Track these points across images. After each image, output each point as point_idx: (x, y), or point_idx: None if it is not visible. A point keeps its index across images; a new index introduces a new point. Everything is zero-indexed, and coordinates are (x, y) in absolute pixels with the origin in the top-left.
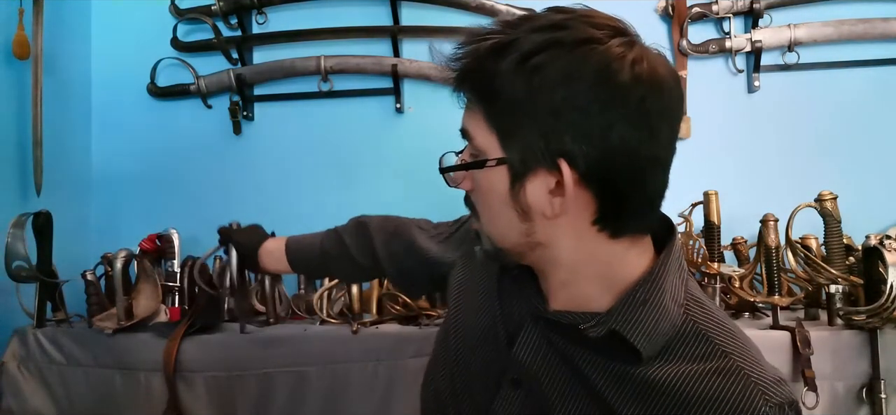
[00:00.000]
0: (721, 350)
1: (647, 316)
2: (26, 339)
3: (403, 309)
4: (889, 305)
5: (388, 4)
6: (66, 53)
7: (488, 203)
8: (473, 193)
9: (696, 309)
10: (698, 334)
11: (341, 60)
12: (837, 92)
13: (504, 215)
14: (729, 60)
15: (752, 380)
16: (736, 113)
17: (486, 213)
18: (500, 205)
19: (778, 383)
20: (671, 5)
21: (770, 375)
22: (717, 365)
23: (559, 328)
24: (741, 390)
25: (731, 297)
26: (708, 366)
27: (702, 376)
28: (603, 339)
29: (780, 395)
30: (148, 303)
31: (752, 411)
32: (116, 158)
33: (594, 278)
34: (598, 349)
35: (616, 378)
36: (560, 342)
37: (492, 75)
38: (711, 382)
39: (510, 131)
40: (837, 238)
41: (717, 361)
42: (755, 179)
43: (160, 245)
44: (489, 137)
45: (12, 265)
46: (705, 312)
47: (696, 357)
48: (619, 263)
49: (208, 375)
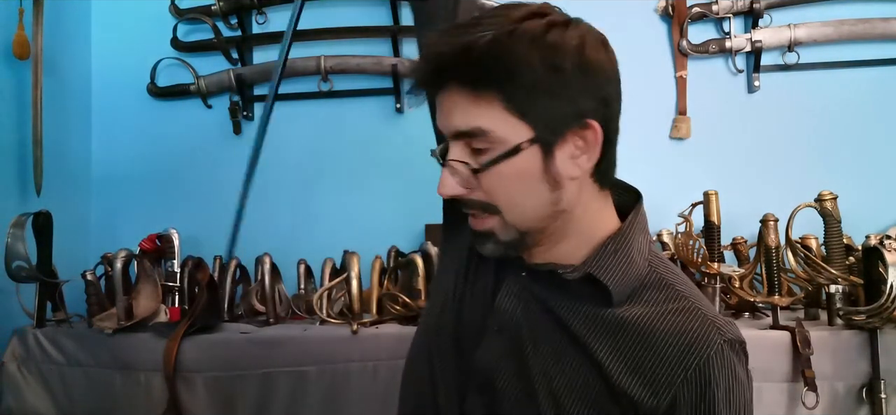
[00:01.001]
0: (682, 294)
1: (618, 264)
2: (26, 339)
3: (403, 309)
4: (889, 305)
5: (388, 4)
6: (66, 53)
7: (517, 188)
8: (492, 187)
9: (660, 264)
10: (661, 282)
11: (341, 60)
12: (837, 92)
13: (534, 193)
14: (729, 60)
15: (709, 318)
16: (736, 113)
17: (512, 199)
18: (532, 183)
19: (730, 323)
20: (671, 5)
21: (723, 317)
22: (679, 306)
23: (539, 278)
24: (700, 326)
25: (731, 297)
26: (671, 307)
27: (665, 314)
28: (578, 283)
29: (732, 333)
30: (148, 303)
31: (708, 342)
32: (116, 158)
33: (579, 233)
34: (573, 295)
35: (590, 320)
36: (539, 290)
37: (509, 60)
38: (674, 319)
39: (535, 108)
40: (837, 238)
41: (679, 302)
42: (755, 179)
43: (160, 245)
44: (511, 122)
45: (12, 265)
46: (667, 266)
47: (660, 301)
48: (599, 217)
49: (208, 375)
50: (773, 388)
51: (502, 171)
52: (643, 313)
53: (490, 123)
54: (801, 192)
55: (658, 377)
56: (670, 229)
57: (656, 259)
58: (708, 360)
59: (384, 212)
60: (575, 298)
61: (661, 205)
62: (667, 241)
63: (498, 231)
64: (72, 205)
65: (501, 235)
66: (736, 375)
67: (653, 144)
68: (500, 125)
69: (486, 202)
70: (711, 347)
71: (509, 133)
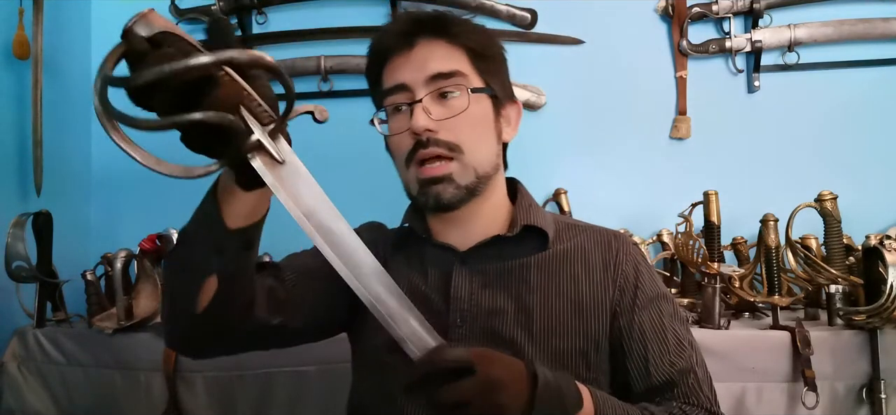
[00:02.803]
0: (587, 225)
1: (539, 213)
2: (26, 339)
3: None
4: (889, 305)
5: (388, 4)
6: (66, 53)
7: (478, 131)
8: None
9: (557, 215)
10: (568, 224)
11: (341, 60)
12: (837, 92)
13: (488, 139)
14: (729, 60)
15: (610, 230)
16: (736, 113)
17: (474, 140)
18: (487, 130)
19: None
20: (671, 5)
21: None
22: (589, 232)
23: (482, 253)
24: (609, 235)
25: (731, 297)
26: (584, 234)
27: (585, 238)
28: (518, 238)
29: (625, 235)
30: (148, 303)
31: (615, 238)
32: (116, 158)
33: (496, 198)
34: (515, 253)
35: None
36: (486, 265)
37: (476, 29)
38: (591, 237)
39: (490, 70)
40: (837, 238)
41: (588, 230)
42: (755, 179)
43: (160, 245)
44: (474, 75)
45: (12, 265)
46: (563, 215)
47: (575, 234)
48: (503, 187)
49: (208, 375)
50: (773, 388)
51: (469, 111)
52: (571, 243)
53: (464, 69)
54: (801, 192)
55: (603, 278)
56: (670, 229)
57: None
58: (627, 252)
59: (384, 212)
60: (517, 255)
61: (661, 205)
62: (667, 241)
63: (457, 175)
64: (72, 205)
65: (460, 179)
66: (639, 251)
67: (653, 144)
68: (469, 72)
69: (451, 142)
70: (625, 244)
71: (475, 81)
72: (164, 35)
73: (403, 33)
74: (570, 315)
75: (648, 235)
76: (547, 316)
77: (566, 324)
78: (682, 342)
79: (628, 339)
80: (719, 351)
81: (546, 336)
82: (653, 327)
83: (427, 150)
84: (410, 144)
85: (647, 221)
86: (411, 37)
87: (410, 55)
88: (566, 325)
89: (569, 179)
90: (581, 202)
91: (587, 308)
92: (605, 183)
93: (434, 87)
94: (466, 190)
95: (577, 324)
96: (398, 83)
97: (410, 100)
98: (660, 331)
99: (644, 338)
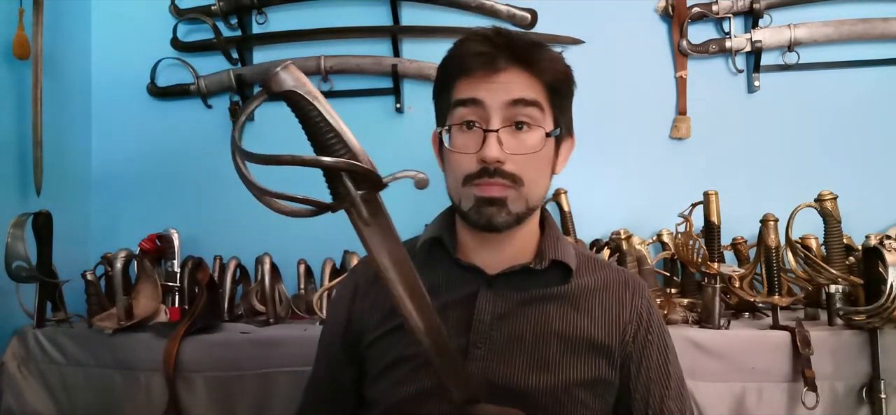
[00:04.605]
0: (605, 263)
1: (565, 247)
2: (26, 339)
3: None
4: (889, 305)
5: (388, 4)
6: (66, 53)
7: (540, 168)
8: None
9: (580, 248)
10: (589, 258)
11: (341, 60)
12: (837, 92)
13: (546, 176)
14: (729, 60)
15: (628, 271)
16: (736, 113)
17: (535, 176)
18: (547, 169)
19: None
20: (671, 5)
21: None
22: (608, 271)
23: (509, 281)
24: (626, 276)
25: (731, 297)
26: (603, 271)
27: (605, 275)
28: (545, 271)
29: (640, 277)
30: (148, 303)
31: (632, 279)
32: (116, 158)
33: (532, 227)
34: (539, 283)
35: (557, 295)
36: (511, 292)
37: (558, 63)
38: (611, 276)
39: (560, 107)
40: (837, 238)
41: (607, 268)
42: (755, 179)
43: (160, 245)
44: (548, 110)
45: (12, 265)
46: (584, 249)
47: (595, 270)
48: (538, 215)
49: (208, 375)
50: (773, 388)
51: (540, 150)
52: (593, 278)
53: (543, 103)
54: (801, 192)
55: (618, 317)
56: (670, 229)
57: (574, 244)
58: (643, 296)
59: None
60: (543, 285)
61: (661, 205)
62: (667, 241)
63: (511, 202)
64: (72, 205)
65: (513, 207)
66: (652, 295)
67: (653, 144)
68: (545, 107)
69: (516, 174)
70: (641, 288)
71: (548, 117)
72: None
73: (489, 55)
74: (584, 349)
75: (648, 235)
76: (563, 348)
77: (581, 357)
78: (680, 388)
79: (635, 379)
80: (719, 351)
81: (560, 367)
82: (658, 369)
83: (492, 179)
84: (474, 168)
85: (647, 221)
86: (497, 59)
87: (493, 77)
88: (581, 358)
89: (569, 179)
90: (581, 202)
91: (601, 344)
92: (605, 183)
93: (510, 115)
94: (516, 217)
95: (591, 358)
96: (474, 98)
97: (484, 120)
98: (664, 375)
99: (649, 380)
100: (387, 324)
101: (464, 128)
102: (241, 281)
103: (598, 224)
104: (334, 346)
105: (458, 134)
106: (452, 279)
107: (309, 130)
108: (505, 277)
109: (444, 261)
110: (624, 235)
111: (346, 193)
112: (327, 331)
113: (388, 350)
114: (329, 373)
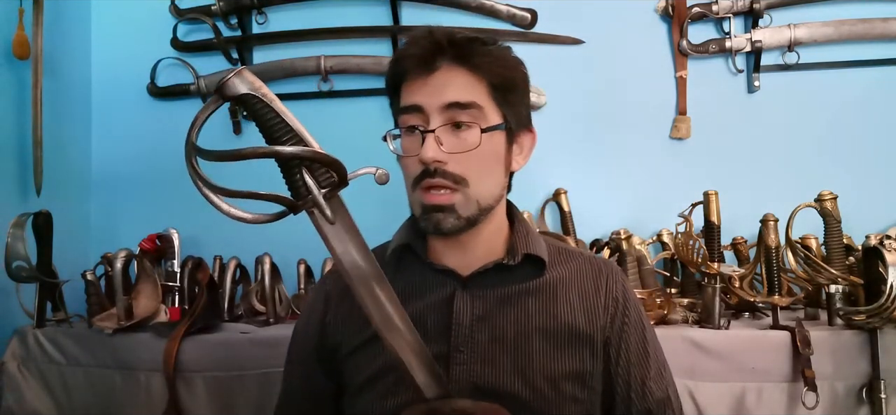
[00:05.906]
0: (577, 251)
1: (536, 241)
2: (26, 339)
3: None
4: (889, 305)
5: (388, 4)
6: (66, 53)
7: (486, 165)
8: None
9: (549, 239)
10: (559, 248)
11: (341, 60)
12: (837, 92)
13: (496, 173)
14: (729, 60)
15: (599, 257)
16: (736, 113)
17: (481, 174)
18: (496, 165)
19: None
20: (671, 5)
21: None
22: (580, 258)
23: (484, 280)
24: (598, 262)
25: (731, 297)
26: (575, 260)
27: (578, 263)
28: (517, 266)
29: (612, 261)
30: (148, 303)
31: (604, 264)
32: (116, 158)
33: (496, 224)
34: (514, 279)
35: (534, 289)
36: (488, 292)
37: (500, 57)
38: (584, 264)
39: (508, 101)
40: (837, 238)
41: (579, 257)
42: (755, 179)
43: (160, 245)
44: (492, 106)
45: (12, 265)
46: (554, 239)
47: (567, 260)
48: (503, 212)
49: (208, 375)
50: (773, 388)
51: (480, 148)
52: (566, 268)
53: (482, 102)
54: (801, 192)
55: (595, 304)
56: (670, 229)
57: (543, 235)
58: (616, 279)
59: (383, 211)
60: (516, 280)
61: (661, 205)
62: (667, 241)
63: (460, 206)
64: (72, 205)
65: (462, 211)
66: (625, 277)
67: (653, 144)
68: (487, 105)
69: (458, 175)
70: (615, 273)
71: (491, 115)
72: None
73: (426, 55)
74: (567, 341)
75: (648, 235)
76: (545, 343)
77: (563, 349)
78: (661, 368)
79: (615, 363)
80: (719, 351)
81: (545, 360)
82: (637, 351)
83: (434, 179)
84: (418, 170)
85: (647, 221)
86: (433, 59)
87: (429, 79)
88: (563, 350)
89: (569, 179)
90: (581, 202)
91: (582, 333)
92: (606, 183)
93: (448, 117)
94: (467, 221)
95: (574, 348)
96: (414, 104)
97: (424, 123)
98: (643, 355)
99: (628, 363)
100: (364, 333)
101: (409, 133)
102: (241, 281)
103: (597, 224)
104: (309, 361)
105: (405, 138)
106: (427, 283)
107: (267, 133)
108: (479, 276)
109: (415, 266)
110: (624, 235)
111: (308, 192)
112: (298, 346)
113: (371, 361)
114: (306, 388)
